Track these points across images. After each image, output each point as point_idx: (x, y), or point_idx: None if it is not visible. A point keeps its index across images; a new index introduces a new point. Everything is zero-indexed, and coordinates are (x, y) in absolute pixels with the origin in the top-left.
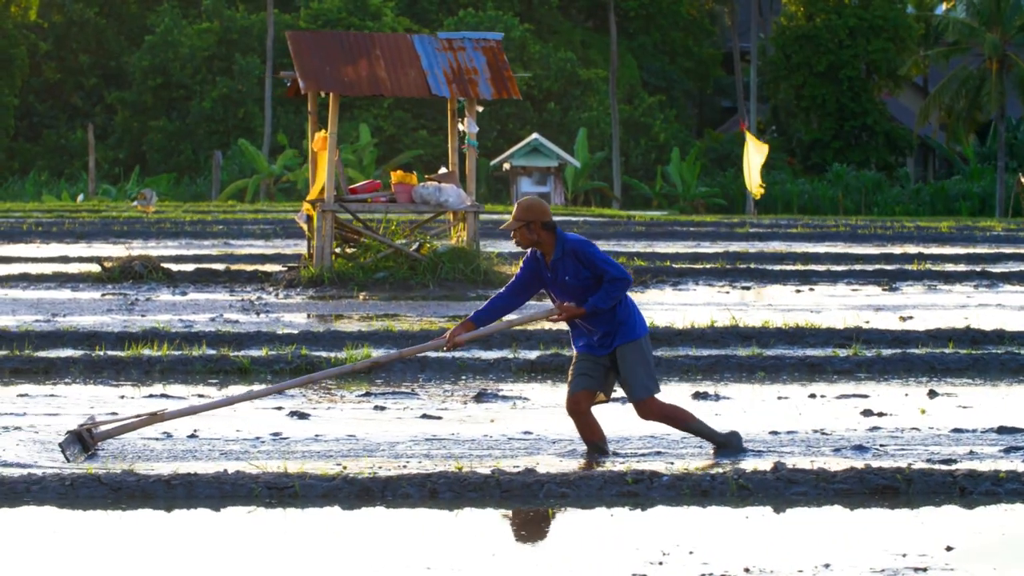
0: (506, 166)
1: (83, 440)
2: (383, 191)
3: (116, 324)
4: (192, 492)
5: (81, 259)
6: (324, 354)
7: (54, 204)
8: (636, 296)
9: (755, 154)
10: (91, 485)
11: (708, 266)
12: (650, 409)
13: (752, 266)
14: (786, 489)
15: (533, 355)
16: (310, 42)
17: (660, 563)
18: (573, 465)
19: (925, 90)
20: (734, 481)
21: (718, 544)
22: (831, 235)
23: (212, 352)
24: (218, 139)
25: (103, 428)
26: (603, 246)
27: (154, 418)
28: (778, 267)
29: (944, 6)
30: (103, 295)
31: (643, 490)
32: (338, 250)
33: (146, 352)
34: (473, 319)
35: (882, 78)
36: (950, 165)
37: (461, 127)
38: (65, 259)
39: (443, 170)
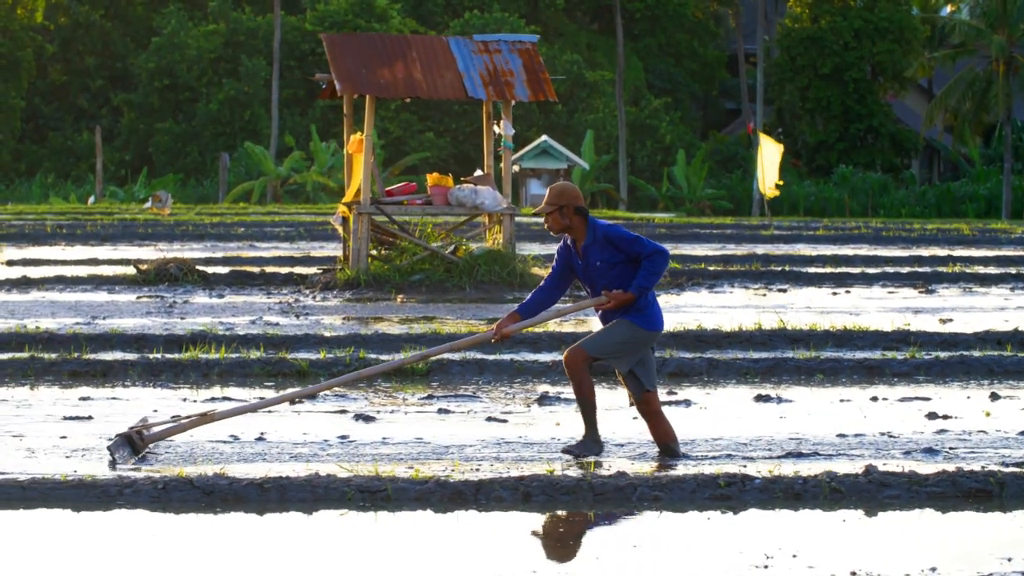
0: (515, 168)
1: (133, 443)
2: (419, 193)
3: (158, 327)
4: (285, 495)
5: (111, 261)
6: (383, 356)
7: (67, 206)
8: (673, 298)
9: (770, 154)
10: (184, 488)
11: (742, 268)
12: (576, 360)
13: (786, 268)
14: (878, 492)
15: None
16: (346, 44)
17: (765, 567)
18: (658, 468)
19: (930, 92)
20: (827, 484)
21: (819, 547)
22: (855, 238)
23: (270, 355)
24: (224, 141)
25: (154, 430)
26: None
27: (204, 419)
28: (811, 269)
29: (949, 8)
30: (138, 297)
31: (735, 493)
32: (373, 252)
33: (203, 355)
34: (519, 311)
35: (887, 80)
36: (955, 167)
37: (497, 130)
38: (95, 261)
39: (478, 172)
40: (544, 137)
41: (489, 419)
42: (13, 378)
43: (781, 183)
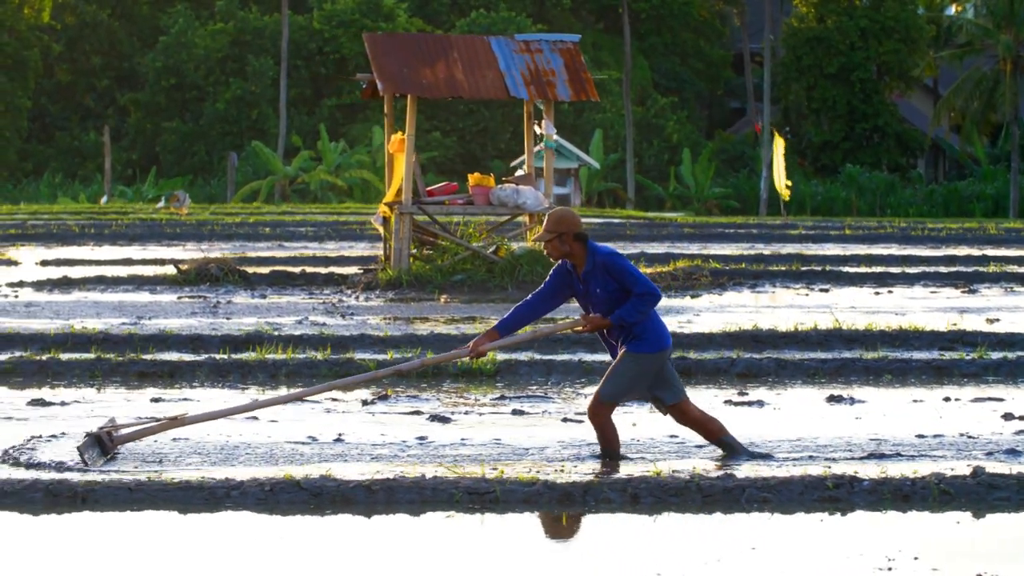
0: (524, 168)
1: (102, 443)
2: (460, 193)
3: (205, 327)
4: (392, 497)
5: (146, 261)
6: None
7: (82, 206)
8: (715, 298)
9: (781, 156)
10: (291, 490)
11: (782, 268)
12: (597, 410)
13: (826, 268)
14: (988, 494)
15: None
16: (388, 44)
17: (889, 569)
18: (763, 470)
19: (935, 92)
20: (935, 486)
21: (937, 550)
22: (883, 237)
23: (337, 356)
24: (231, 140)
25: (124, 431)
26: (658, 248)
27: (174, 422)
28: (849, 269)
29: (954, 8)
30: (179, 298)
31: (844, 495)
32: (414, 252)
33: (270, 356)
34: (498, 328)
35: (893, 80)
36: (960, 166)
37: (538, 130)
38: (129, 261)
39: (520, 172)
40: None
41: (565, 420)
42: (80, 379)
43: (789, 183)
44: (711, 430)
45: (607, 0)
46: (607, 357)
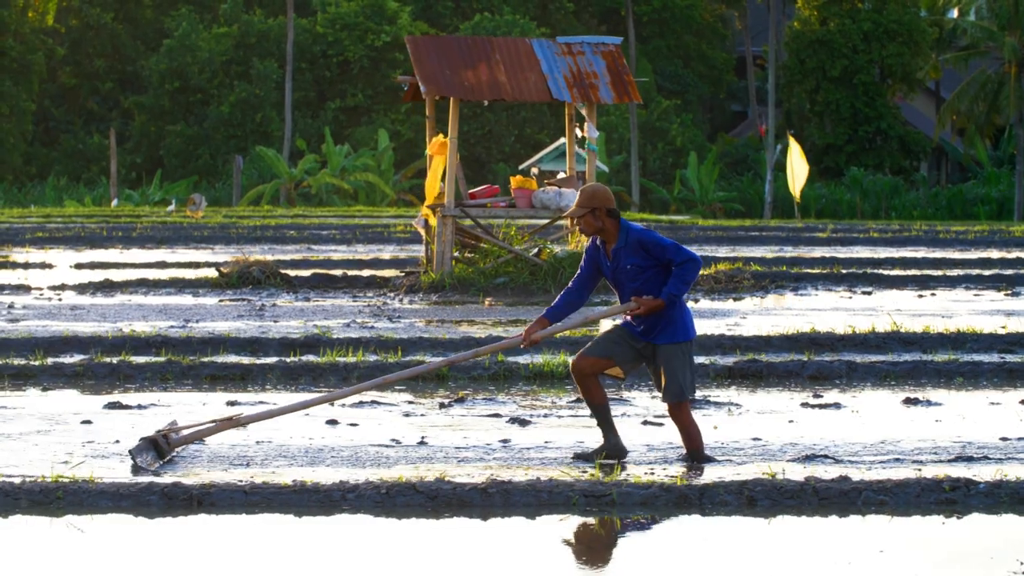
0: (534, 170)
1: (158, 447)
2: (502, 196)
3: (253, 329)
4: (508, 500)
5: (179, 264)
6: (522, 360)
7: (93, 209)
8: (758, 301)
9: (800, 161)
10: (407, 493)
11: (823, 271)
12: (677, 415)
13: (867, 271)
14: None
15: (730, 360)
16: (430, 47)
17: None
18: (879, 471)
19: (937, 94)
20: None
21: None
22: (911, 240)
23: (408, 358)
24: (236, 143)
25: (182, 434)
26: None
27: (230, 423)
28: (891, 272)
29: (956, 11)
30: (220, 300)
31: (960, 497)
32: (456, 255)
33: (341, 359)
34: (547, 315)
35: (896, 82)
36: (963, 169)
37: (579, 132)
38: (163, 264)
39: (561, 175)
40: (563, 140)
41: (645, 423)
42: (152, 382)
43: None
44: (599, 392)
45: (610, 3)
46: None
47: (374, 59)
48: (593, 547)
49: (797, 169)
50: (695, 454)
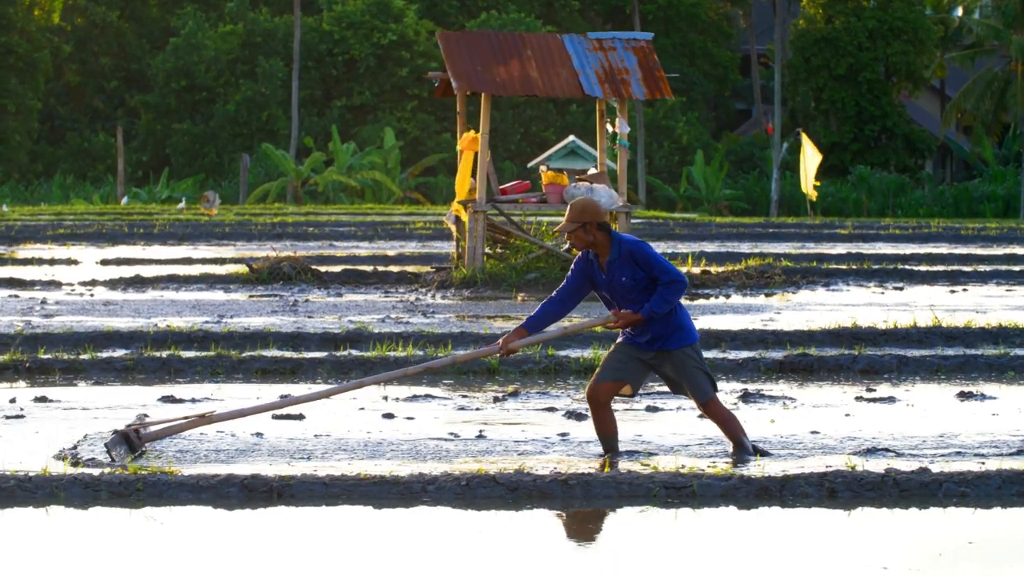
0: (543, 168)
1: (130, 440)
2: (533, 191)
3: (288, 324)
4: (589, 492)
5: (205, 260)
6: (572, 354)
7: (104, 207)
8: (790, 296)
9: (812, 157)
10: (488, 485)
11: (854, 267)
12: (710, 411)
13: (898, 267)
14: None
15: (780, 355)
16: (461, 42)
17: None
18: (961, 463)
19: (941, 92)
20: None
21: None
22: (933, 236)
23: (457, 352)
24: (242, 142)
25: (151, 429)
26: (709, 247)
27: (202, 420)
28: (921, 268)
29: (960, 10)
30: (250, 296)
31: None
32: (487, 251)
33: (391, 353)
34: (526, 325)
35: (901, 80)
36: (968, 167)
37: (610, 128)
38: (189, 260)
39: (592, 170)
40: (572, 138)
41: (701, 417)
42: (202, 375)
43: (818, 183)
44: (611, 424)
45: (615, 1)
46: (743, 353)
47: (380, 57)
48: (674, 539)
49: (809, 164)
50: (738, 442)
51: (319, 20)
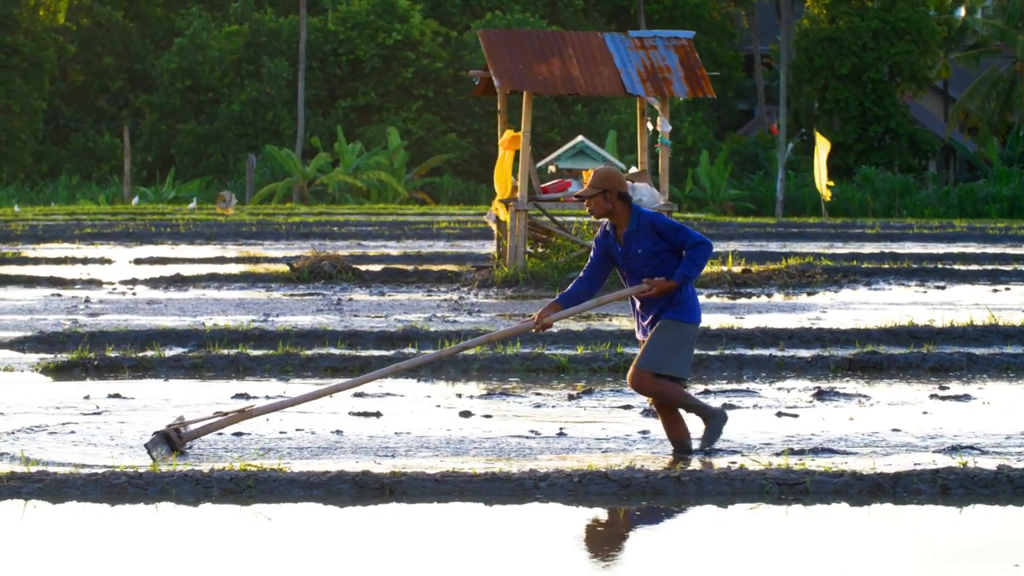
0: (552, 168)
1: (171, 440)
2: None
3: (335, 323)
4: (701, 488)
5: (238, 259)
6: (626, 349)
7: (116, 207)
8: (831, 295)
9: (823, 155)
10: (600, 482)
11: (894, 266)
12: (640, 383)
13: (938, 266)
14: None
15: (849, 352)
16: (503, 41)
17: None
18: None
19: (945, 93)
20: None
21: None
22: (961, 236)
23: (526, 350)
24: (247, 142)
25: (191, 428)
26: (738, 245)
27: (241, 415)
28: (958, 267)
29: (963, 10)
30: (290, 295)
31: None
32: (528, 249)
33: (460, 352)
34: (560, 300)
35: (905, 81)
36: (972, 168)
37: (651, 126)
38: (222, 260)
39: (634, 169)
40: (580, 138)
41: (779, 414)
42: (271, 373)
43: (831, 183)
44: (680, 425)
45: (620, 1)
46: (802, 352)
47: (385, 58)
48: (788, 536)
49: (822, 165)
50: (684, 406)
51: (324, 20)
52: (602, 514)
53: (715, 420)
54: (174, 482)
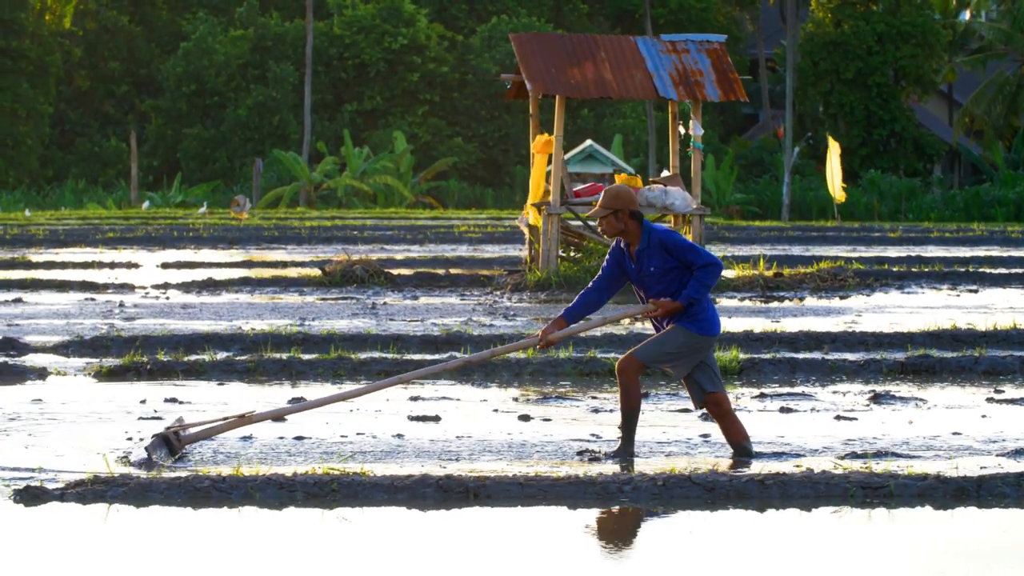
0: None
1: (170, 443)
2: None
3: (372, 327)
4: (785, 492)
5: (265, 263)
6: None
7: (128, 211)
8: (863, 299)
9: (836, 159)
10: (684, 485)
11: (925, 269)
12: (626, 367)
13: (970, 269)
14: None
15: (901, 356)
16: (535, 45)
17: None
18: None
19: (950, 97)
20: None
21: None
22: (983, 239)
23: (579, 354)
24: (253, 147)
25: (191, 431)
26: (760, 249)
27: (241, 421)
28: (987, 270)
29: (967, 14)
30: (323, 299)
31: None
32: (561, 253)
33: (511, 355)
34: (565, 316)
35: (910, 85)
36: (977, 171)
37: (682, 130)
38: (249, 264)
39: (666, 173)
40: (589, 142)
41: (838, 418)
42: (324, 377)
43: (845, 186)
44: (738, 430)
45: (625, 5)
46: (852, 355)
47: (391, 62)
48: (872, 539)
49: (835, 169)
50: (624, 415)
51: (330, 24)
52: (687, 517)
53: (620, 451)
54: (258, 486)
